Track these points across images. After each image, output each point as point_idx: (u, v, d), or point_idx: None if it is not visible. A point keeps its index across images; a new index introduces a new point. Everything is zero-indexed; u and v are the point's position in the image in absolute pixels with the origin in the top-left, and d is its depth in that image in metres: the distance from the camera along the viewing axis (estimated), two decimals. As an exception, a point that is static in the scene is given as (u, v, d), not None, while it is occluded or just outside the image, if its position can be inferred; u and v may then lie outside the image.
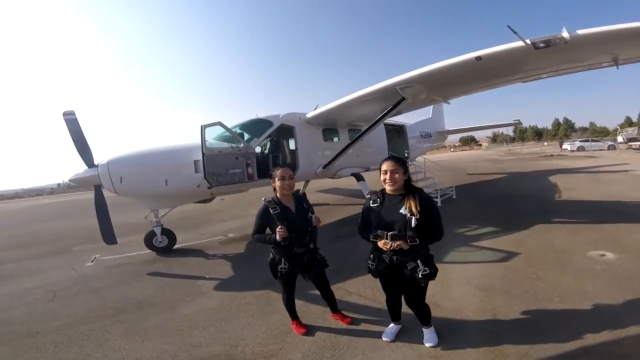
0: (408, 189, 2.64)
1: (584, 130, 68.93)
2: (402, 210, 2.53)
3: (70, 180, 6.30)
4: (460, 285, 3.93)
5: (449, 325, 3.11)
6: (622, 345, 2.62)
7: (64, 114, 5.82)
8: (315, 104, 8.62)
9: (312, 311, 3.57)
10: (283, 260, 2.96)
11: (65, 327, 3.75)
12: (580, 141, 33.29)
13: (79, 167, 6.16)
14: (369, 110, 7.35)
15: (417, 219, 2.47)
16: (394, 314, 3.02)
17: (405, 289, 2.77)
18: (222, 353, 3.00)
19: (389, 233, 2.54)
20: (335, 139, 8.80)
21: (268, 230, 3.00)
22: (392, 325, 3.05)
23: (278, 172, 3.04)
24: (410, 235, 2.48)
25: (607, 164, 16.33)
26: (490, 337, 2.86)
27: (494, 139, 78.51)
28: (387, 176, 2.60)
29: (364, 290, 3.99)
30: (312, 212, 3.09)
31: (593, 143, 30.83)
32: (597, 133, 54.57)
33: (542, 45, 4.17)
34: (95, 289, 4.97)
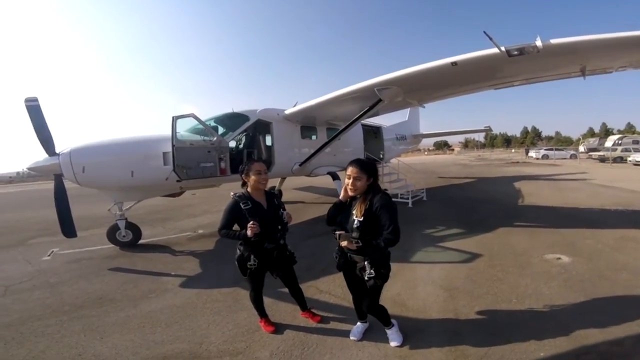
0: (369, 191, 2.58)
1: (549, 138, 73.54)
2: (353, 211, 2.56)
3: (29, 169, 5.87)
4: (425, 284, 4.02)
5: (414, 324, 3.17)
6: (575, 343, 2.76)
7: (26, 100, 5.44)
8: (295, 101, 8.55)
9: (281, 309, 3.52)
10: (252, 256, 2.89)
11: (18, 323, 3.51)
12: (545, 149, 35.34)
13: (39, 155, 5.77)
14: (347, 109, 7.39)
15: (359, 221, 2.48)
16: (360, 312, 3.03)
17: (361, 288, 2.78)
18: (185, 350, 2.90)
19: (337, 232, 2.56)
20: (313, 137, 8.80)
21: (236, 227, 2.91)
22: (358, 323, 3.06)
23: (254, 166, 2.96)
24: (354, 237, 2.49)
25: (568, 172, 17.40)
26: (452, 337, 2.94)
27: (466, 145, 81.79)
28: (350, 181, 2.58)
29: (334, 289, 3.98)
30: (284, 209, 3.05)
31: (557, 152, 32.75)
32: (561, 142, 58.36)
33: (515, 52, 4.33)
34: (52, 284, 4.66)
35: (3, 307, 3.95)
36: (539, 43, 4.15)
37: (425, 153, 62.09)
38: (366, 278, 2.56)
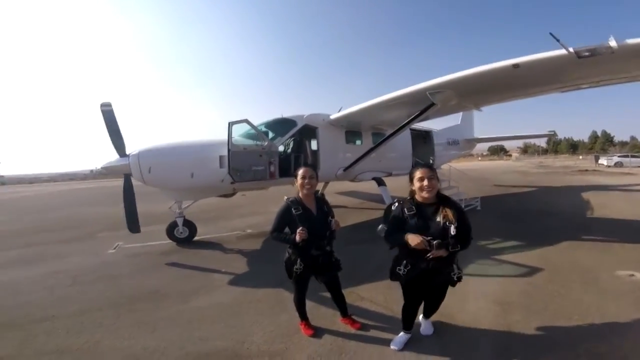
0: (440, 197, 2.64)
1: (623, 144, 64.71)
2: (439, 219, 2.54)
3: (102, 168, 6.61)
4: (477, 298, 3.79)
5: (461, 337, 3.03)
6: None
7: (102, 105, 6.13)
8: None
9: (322, 313, 3.53)
10: (299, 260, 2.96)
11: (80, 313, 3.84)
12: (618, 156, 31.16)
13: (111, 156, 6.48)
14: (395, 114, 7.22)
15: (455, 227, 2.48)
16: (409, 322, 2.97)
17: (433, 293, 2.88)
18: (228, 348, 3.01)
19: (435, 242, 2.47)
20: (358, 142, 8.73)
21: (287, 230, 3.00)
22: (402, 334, 2.99)
23: (300, 172, 3.07)
24: (452, 244, 2.49)
25: None
26: (501, 352, 2.77)
27: (525, 150, 75.05)
28: (425, 183, 2.57)
29: (376, 296, 3.91)
30: (332, 216, 3.09)
31: (632, 159, 28.62)
32: (638, 148, 51.12)
33: (586, 54, 3.90)
34: (114, 276, 5.12)
35: (69, 296, 4.38)
36: (613, 43, 3.69)
37: (479, 158, 58.12)
38: (455, 278, 2.68)
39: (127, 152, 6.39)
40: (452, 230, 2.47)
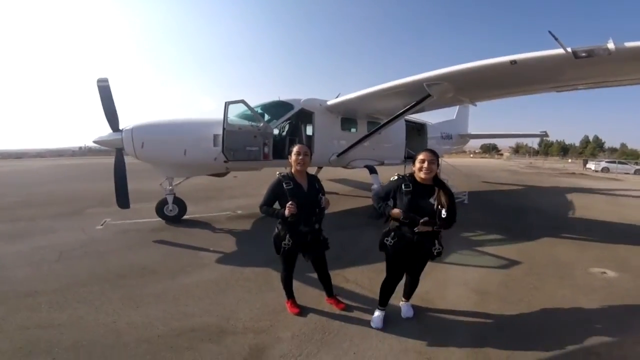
0: (436, 181, 2.85)
1: (613, 150, 66.11)
2: (432, 200, 2.76)
3: (94, 142, 6.51)
4: (457, 286, 3.94)
5: (439, 322, 3.16)
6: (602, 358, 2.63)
7: (98, 81, 6.01)
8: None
9: (308, 293, 3.61)
10: (287, 236, 3.00)
11: (65, 288, 3.78)
12: (606, 162, 31.81)
13: (103, 130, 6.40)
14: (391, 104, 7.22)
15: (446, 211, 2.69)
16: (385, 299, 3.12)
17: (415, 264, 3.04)
18: (213, 324, 3.06)
19: (423, 219, 2.71)
20: (353, 130, 8.76)
21: (277, 205, 3.04)
22: (377, 312, 3.12)
23: (295, 147, 3.10)
24: (439, 224, 2.72)
25: (630, 188, 15.67)
26: (477, 339, 2.88)
27: (517, 150, 75.97)
28: (425, 165, 2.78)
29: (361, 279, 4.02)
30: (323, 194, 3.12)
31: (619, 165, 29.43)
32: (626, 155, 52.21)
33: (583, 54, 3.95)
34: (101, 252, 5.06)
35: (55, 272, 4.30)
36: (611, 45, 3.75)
37: (471, 156, 58.60)
38: (435, 253, 2.86)
39: (121, 127, 6.30)
40: (443, 213, 2.69)
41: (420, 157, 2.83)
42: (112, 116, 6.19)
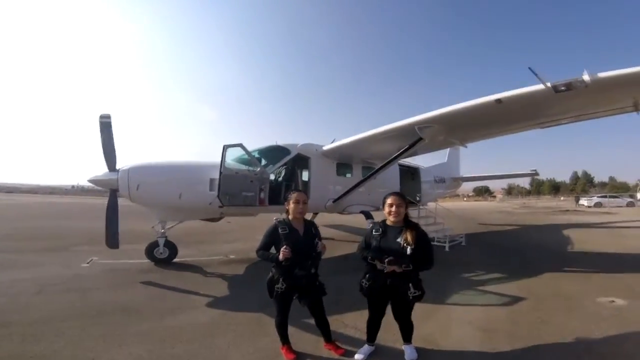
0: (406, 222, 2.96)
1: (603, 185, 66.87)
2: (399, 240, 2.84)
3: (89, 180, 6.48)
4: (461, 325, 3.78)
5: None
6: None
7: (101, 117, 6.11)
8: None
9: (305, 339, 3.39)
10: (281, 280, 2.92)
11: (41, 321, 3.64)
12: (597, 197, 32.58)
13: (98, 169, 6.44)
14: (384, 148, 7.39)
15: (412, 249, 2.76)
16: (371, 334, 3.17)
17: (395, 306, 3.04)
18: (202, 369, 2.82)
19: (387, 259, 2.78)
20: (348, 175, 8.84)
21: (273, 250, 3.00)
22: (366, 346, 3.15)
23: (294, 195, 3.14)
24: (405, 262, 2.76)
25: (625, 219, 15.85)
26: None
27: (509, 191, 76.52)
28: (393, 209, 2.93)
29: (360, 324, 3.73)
30: (319, 239, 3.11)
31: (611, 199, 30.25)
32: (617, 189, 53.31)
33: (562, 88, 4.14)
34: (84, 289, 4.89)
35: (33, 305, 4.15)
36: (586, 77, 3.95)
37: (465, 199, 58.74)
38: (410, 297, 2.84)
39: (117, 167, 6.31)
40: (408, 251, 2.75)
41: (389, 201, 2.98)
42: (110, 155, 6.21)
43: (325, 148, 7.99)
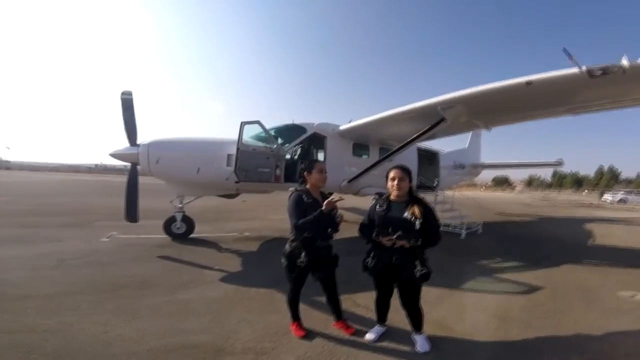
0: (411, 197, 2.83)
1: (629, 181, 63.56)
2: (406, 215, 2.72)
3: (111, 154, 6.60)
4: (476, 311, 3.70)
5: (458, 347, 2.94)
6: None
7: (122, 93, 6.14)
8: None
9: (315, 316, 3.38)
10: (304, 253, 2.86)
11: (58, 295, 3.66)
12: (623, 193, 31.10)
13: (120, 145, 6.49)
14: (404, 129, 7.16)
15: (420, 222, 2.65)
16: (381, 315, 3.11)
17: (402, 289, 2.89)
18: (210, 342, 2.85)
19: (396, 234, 2.68)
20: (365, 156, 8.70)
21: None
22: (377, 326, 3.10)
23: (318, 164, 3.09)
24: (414, 237, 2.66)
25: None
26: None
27: (530, 183, 73.86)
28: (395, 183, 2.81)
29: (372, 304, 3.70)
30: (336, 210, 3.02)
31: (636, 196, 28.62)
32: None
33: (598, 73, 3.87)
34: (103, 263, 4.98)
35: (51, 278, 4.20)
36: (625, 62, 3.66)
37: (483, 189, 57.01)
38: (418, 276, 2.68)
39: (138, 142, 6.41)
40: (417, 225, 2.64)
41: (391, 174, 2.86)
42: (131, 130, 6.29)
43: (342, 128, 7.87)
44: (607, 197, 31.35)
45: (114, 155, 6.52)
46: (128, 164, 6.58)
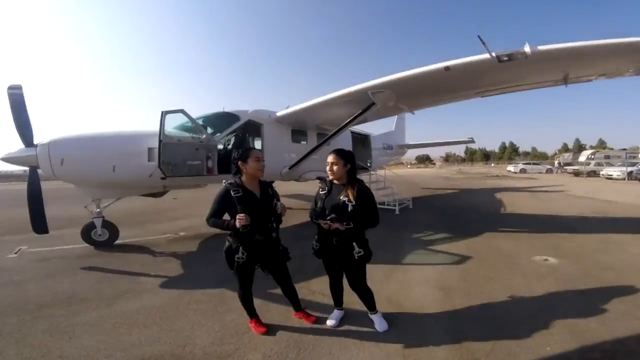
0: (351, 179, 2.85)
1: (526, 154, 76.84)
2: (342, 197, 2.77)
3: (2, 159, 5.44)
4: (420, 284, 3.96)
5: (413, 322, 3.08)
6: (579, 339, 2.74)
7: (9, 88, 5.15)
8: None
9: (273, 310, 3.31)
10: (241, 249, 2.69)
11: None
12: (522, 164, 37.17)
13: (14, 145, 5.44)
14: (338, 114, 7.33)
15: (352, 205, 2.71)
16: (337, 299, 3.15)
17: (346, 271, 2.97)
18: (166, 353, 2.63)
19: (328, 217, 2.73)
20: (303, 142, 8.72)
21: (226, 216, 2.70)
22: (335, 311, 3.15)
23: (254, 152, 2.83)
24: (346, 219, 2.69)
25: (545, 184, 18.15)
26: (454, 334, 2.85)
27: (447, 159, 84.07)
28: (329, 167, 2.87)
29: (327, 289, 3.75)
30: (278, 199, 2.89)
31: (534, 166, 34.76)
32: (537, 157, 61.90)
33: (505, 58, 4.42)
34: (16, 281, 4.27)
35: None
36: (527, 49, 4.25)
37: (409, 166, 62.93)
38: (356, 257, 2.77)
39: (35, 142, 5.40)
40: (350, 208, 2.71)
41: (329, 159, 2.89)
42: (25, 129, 5.28)
43: (279, 114, 7.69)
44: (510, 167, 36.91)
45: (6, 160, 5.39)
46: (27, 169, 5.54)
